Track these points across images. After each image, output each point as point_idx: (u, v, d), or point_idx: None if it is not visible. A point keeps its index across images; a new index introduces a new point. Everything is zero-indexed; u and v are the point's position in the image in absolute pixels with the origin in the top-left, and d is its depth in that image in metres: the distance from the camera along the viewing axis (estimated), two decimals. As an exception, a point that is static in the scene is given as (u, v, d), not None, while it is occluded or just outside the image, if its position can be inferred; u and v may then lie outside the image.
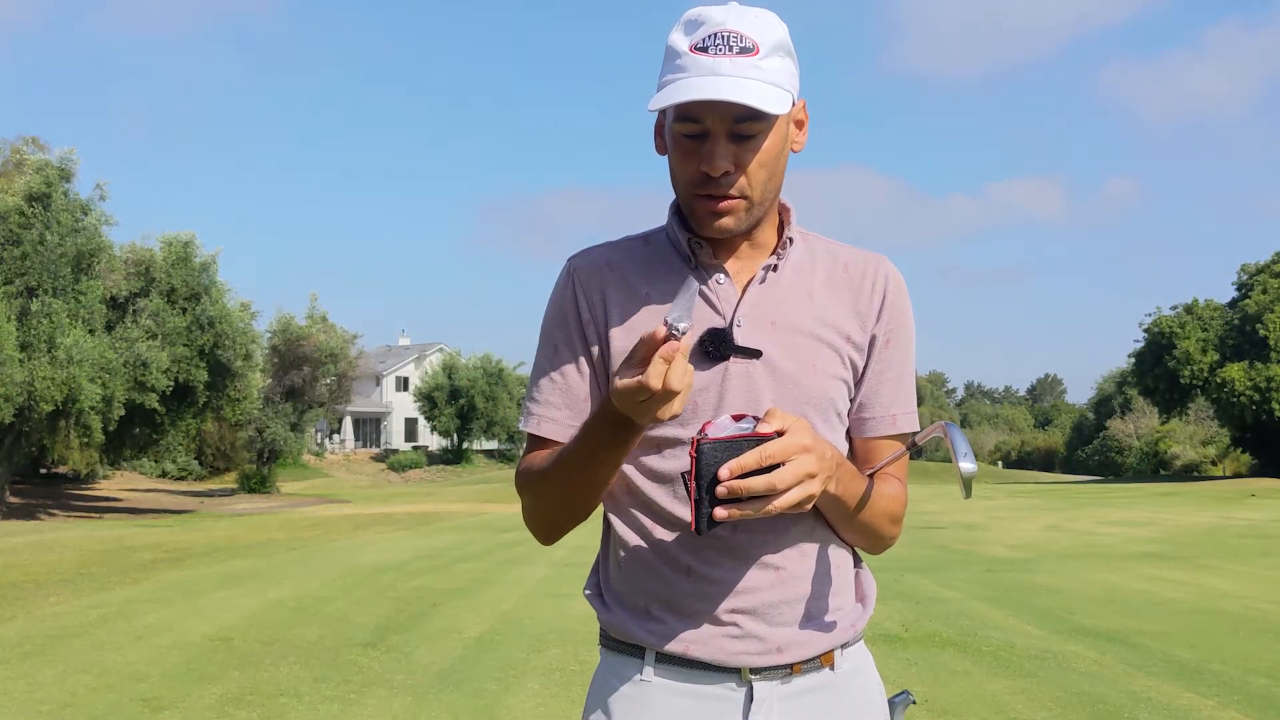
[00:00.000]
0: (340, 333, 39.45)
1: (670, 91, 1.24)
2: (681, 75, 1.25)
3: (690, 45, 1.25)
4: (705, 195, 1.29)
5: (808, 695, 1.33)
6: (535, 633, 7.27)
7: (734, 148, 1.26)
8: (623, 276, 1.38)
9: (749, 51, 1.24)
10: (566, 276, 1.41)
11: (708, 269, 1.36)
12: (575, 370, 1.38)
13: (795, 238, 1.39)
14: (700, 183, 1.28)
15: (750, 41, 1.24)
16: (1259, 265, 44.59)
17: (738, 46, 1.24)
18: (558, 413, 1.38)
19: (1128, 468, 66.01)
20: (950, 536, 15.78)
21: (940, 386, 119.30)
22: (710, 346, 1.31)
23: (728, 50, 1.24)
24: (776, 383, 1.32)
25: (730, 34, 1.24)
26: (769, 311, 1.34)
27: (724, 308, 1.34)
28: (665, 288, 1.36)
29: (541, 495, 1.37)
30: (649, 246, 1.41)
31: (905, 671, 5.96)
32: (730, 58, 1.24)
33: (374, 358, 65.02)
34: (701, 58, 1.24)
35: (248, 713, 5.15)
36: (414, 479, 53.47)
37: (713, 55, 1.24)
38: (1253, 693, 5.45)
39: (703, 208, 1.30)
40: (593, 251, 1.43)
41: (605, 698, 1.37)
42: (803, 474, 1.13)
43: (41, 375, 20.74)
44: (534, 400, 1.40)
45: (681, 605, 1.32)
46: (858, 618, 1.39)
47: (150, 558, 13.07)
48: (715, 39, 1.24)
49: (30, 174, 22.88)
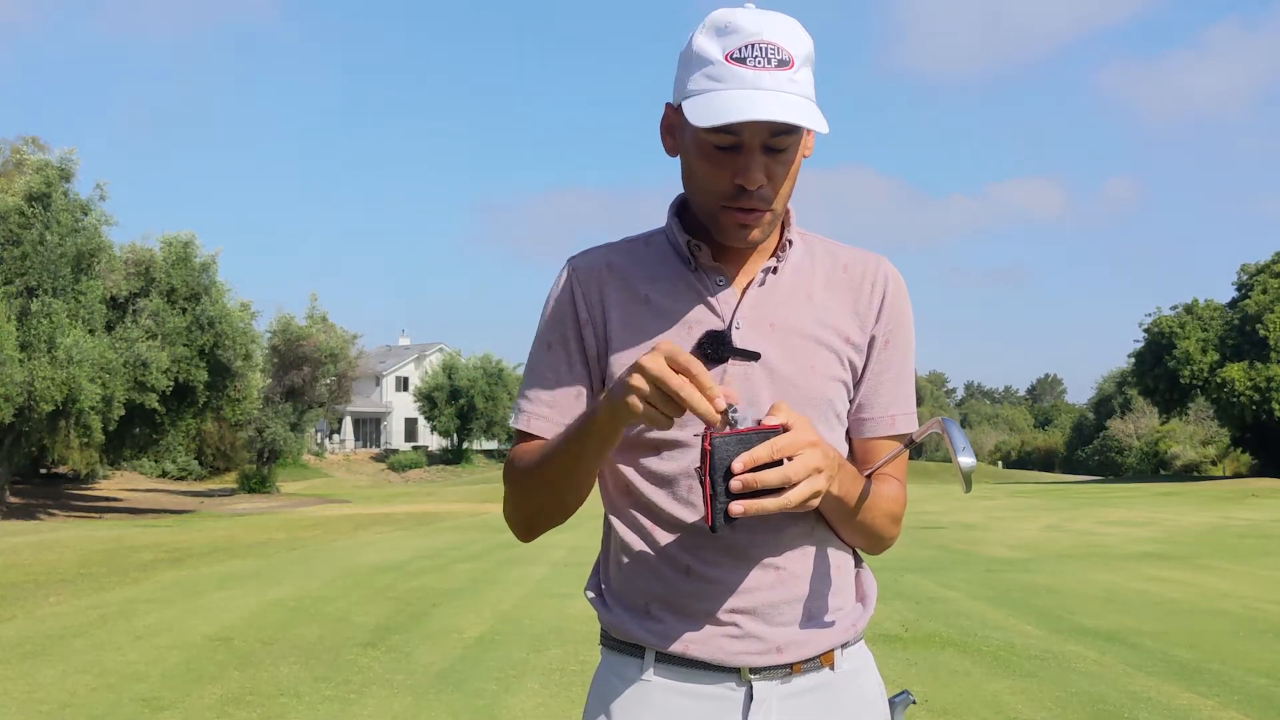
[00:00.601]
0: (340, 333, 39.46)
1: (714, 105, 1.22)
2: (720, 86, 1.23)
3: (725, 54, 1.23)
4: (735, 207, 1.29)
5: (808, 695, 1.33)
6: (535, 633, 7.27)
7: (767, 160, 1.26)
8: (623, 278, 1.38)
9: (785, 65, 1.23)
10: (565, 276, 1.41)
11: (707, 271, 1.36)
12: (568, 369, 1.38)
13: (795, 239, 1.39)
14: (733, 195, 1.27)
15: (786, 54, 1.23)
16: (1259, 265, 44.58)
17: (775, 59, 1.23)
18: (548, 410, 1.38)
19: (1128, 468, 66.00)
20: (950, 536, 15.78)
21: (940, 386, 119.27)
22: (709, 348, 1.31)
23: (766, 63, 1.22)
24: (775, 385, 1.32)
25: (768, 45, 1.23)
26: (768, 314, 1.35)
27: (723, 310, 1.34)
28: (665, 289, 1.36)
29: (523, 492, 1.37)
30: (649, 248, 1.41)
31: (905, 671, 5.96)
32: (770, 71, 1.22)
33: (374, 358, 65.02)
34: (741, 70, 1.22)
35: (248, 713, 5.15)
36: (414, 479, 53.48)
37: (752, 68, 1.22)
38: (1253, 693, 5.45)
39: (731, 219, 1.30)
40: (592, 252, 1.43)
41: (606, 697, 1.37)
42: (811, 468, 1.13)
43: (41, 375, 20.75)
44: (525, 398, 1.40)
45: (681, 605, 1.32)
46: (858, 617, 1.39)
47: (150, 558, 13.07)
48: (753, 50, 1.22)
49: (30, 174, 22.88)
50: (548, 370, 1.39)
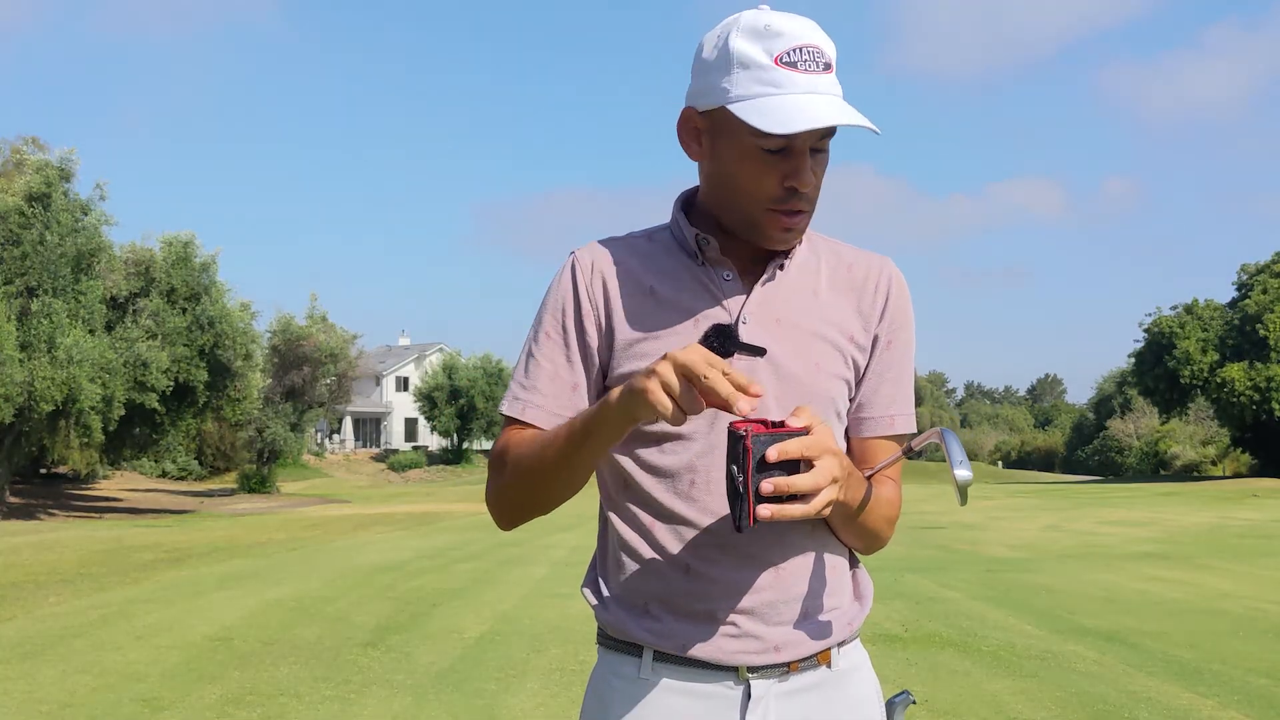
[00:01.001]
0: (340, 333, 39.46)
1: (789, 112, 1.22)
2: (779, 92, 1.23)
3: (775, 58, 1.24)
4: (781, 210, 1.30)
5: (805, 694, 1.33)
6: (535, 633, 7.27)
7: (812, 161, 1.28)
8: (627, 270, 1.38)
9: (829, 68, 1.26)
10: (569, 267, 1.41)
11: (714, 265, 1.36)
12: (566, 360, 1.37)
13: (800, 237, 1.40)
14: (782, 198, 1.29)
15: (828, 58, 1.26)
16: (1259, 265, 44.60)
17: (822, 63, 1.25)
18: (544, 399, 1.37)
19: (1128, 468, 66.00)
20: (950, 536, 15.78)
21: (940, 386, 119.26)
22: (715, 342, 1.31)
23: (816, 67, 1.24)
24: (780, 381, 1.32)
25: (814, 49, 1.24)
26: (774, 310, 1.35)
27: (729, 304, 1.34)
28: (671, 282, 1.36)
29: (512, 481, 1.35)
30: (653, 243, 1.41)
31: (905, 671, 5.95)
32: (820, 75, 1.24)
33: (374, 358, 65.03)
34: (795, 75, 1.23)
35: (248, 713, 5.15)
36: (414, 479, 53.46)
37: (804, 72, 1.24)
38: (1253, 693, 5.45)
39: (775, 222, 1.31)
40: (596, 245, 1.42)
41: (603, 696, 1.37)
42: (831, 476, 1.13)
43: (41, 375, 20.75)
44: (521, 385, 1.38)
45: (679, 604, 1.32)
46: (854, 616, 1.39)
47: (150, 558, 13.07)
48: (802, 54, 1.24)
49: (30, 174, 22.88)
50: (545, 360, 1.38)
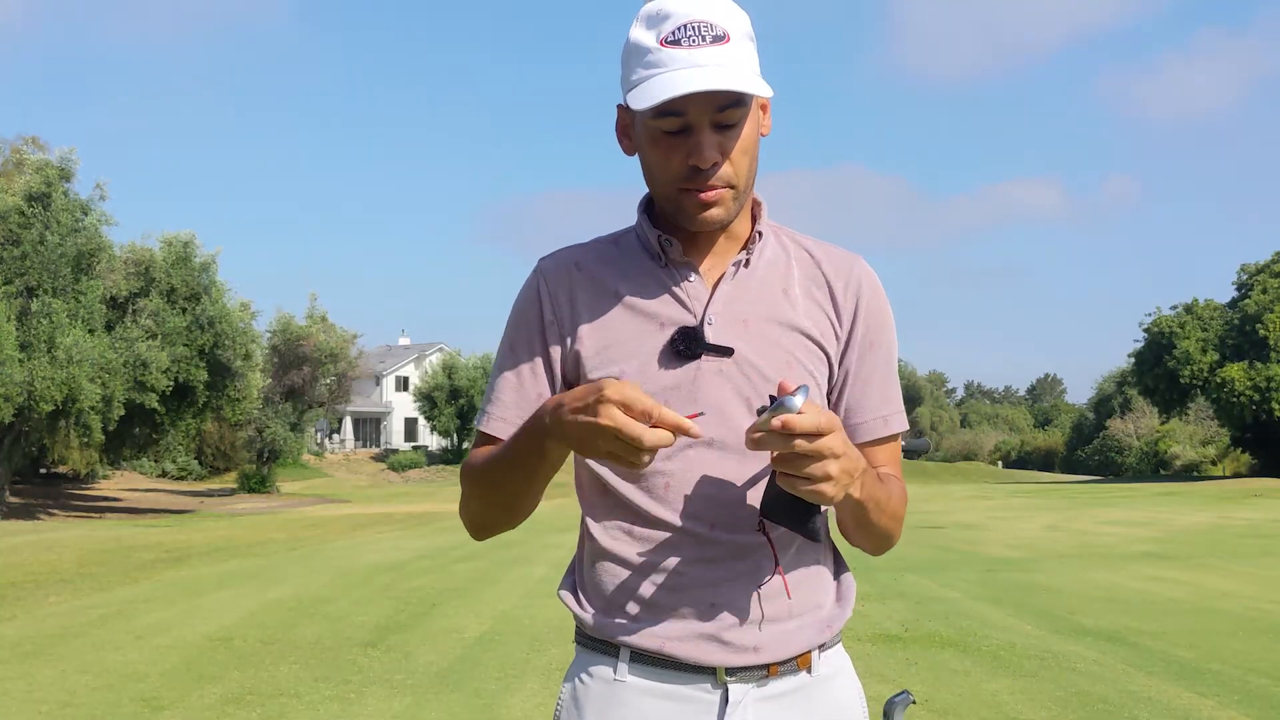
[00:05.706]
0: (340, 333, 39.50)
1: (655, 88, 1.21)
2: (659, 71, 1.22)
3: (660, 39, 1.23)
4: (692, 189, 1.28)
5: (783, 698, 1.32)
6: (535, 633, 7.27)
7: (718, 137, 1.25)
8: (592, 276, 1.38)
9: (721, 40, 1.23)
10: (533, 278, 1.41)
11: (678, 266, 1.35)
12: (530, 371, 1.38)
13: (766, 232, 1.38)
14: (687, 176, 1.27)
15: (721, 30, 1.23)
16: (1259, 265, 44.63)
17: (710, 35, 1.23)
18: (508, 412, 1.37)
19: (1128, 468, 65.99)
20: (950, 536, 15.78)
21: (940, 386, 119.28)
22: (681, 345, 1.30)
23: (701, 40, 1.22)
24: (749, 380, 1.31)
25: (700, 24, 1.23)
26: (741, 309, 1.34)
27: (694, 305, 1.33)
28: (636, 286, 1.35)
29: (475, 492, 1.38)
30: (618, 247, 1.40)
31: (905, 671, 5.95)
32: (705, 48, 1.22)
33: (374, 358, 64.99)
34: (676, 51, 1.22)
35: (248, 713, 5.16)
36: (414, 479, 53.44)
37: (687, 47, 1.22)
38: (1253, 693, 5.45)
39: (690, 201, 1.29)
40: (561, 253, 1.42)
41: (578, 696, 1.36)
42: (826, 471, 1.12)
43: (41, 375, 20.75)
44: (488, 399, 1.40)
45: (659, 604, 1.31)
46: (835, 619, 1.38)
47: (150, 558, 13.08)
48: (686, 30, 1.22)
49: (30, 174, 22.91)
50: (510, 372, 1.39)
